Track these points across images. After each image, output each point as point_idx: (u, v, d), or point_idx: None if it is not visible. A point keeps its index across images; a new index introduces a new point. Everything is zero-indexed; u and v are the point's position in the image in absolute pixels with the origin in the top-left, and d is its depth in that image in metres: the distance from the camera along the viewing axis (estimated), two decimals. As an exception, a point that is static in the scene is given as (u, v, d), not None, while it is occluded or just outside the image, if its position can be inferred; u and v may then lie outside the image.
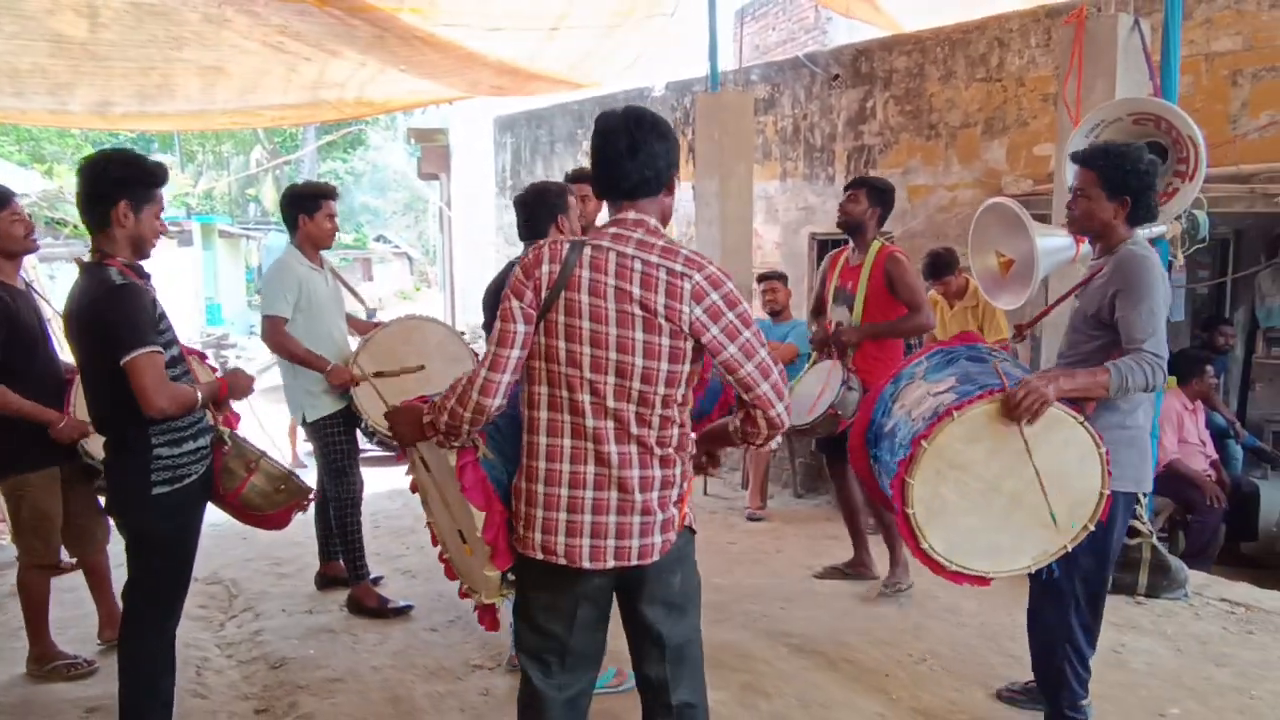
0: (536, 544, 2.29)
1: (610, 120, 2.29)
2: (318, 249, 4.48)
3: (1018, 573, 2.88)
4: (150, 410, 2.76)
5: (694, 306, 2.17)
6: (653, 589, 2.33)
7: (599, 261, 2.21)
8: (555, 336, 2.22)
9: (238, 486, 3.15)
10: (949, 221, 6.87)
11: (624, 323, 2.18)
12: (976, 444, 2.76)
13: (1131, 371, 2.77)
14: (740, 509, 6.30)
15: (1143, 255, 2.96)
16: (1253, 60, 5.47)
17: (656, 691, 2.39)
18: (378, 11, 5.57)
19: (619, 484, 2.23)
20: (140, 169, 2.93)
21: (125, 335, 2.75)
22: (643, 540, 2.25)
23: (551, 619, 2.37)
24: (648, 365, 2.19)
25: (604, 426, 2.22)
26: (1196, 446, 6.07)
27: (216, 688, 3.80)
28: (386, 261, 35.71)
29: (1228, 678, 3.67)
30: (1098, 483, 2.79)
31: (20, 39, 5.54)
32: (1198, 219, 4.56)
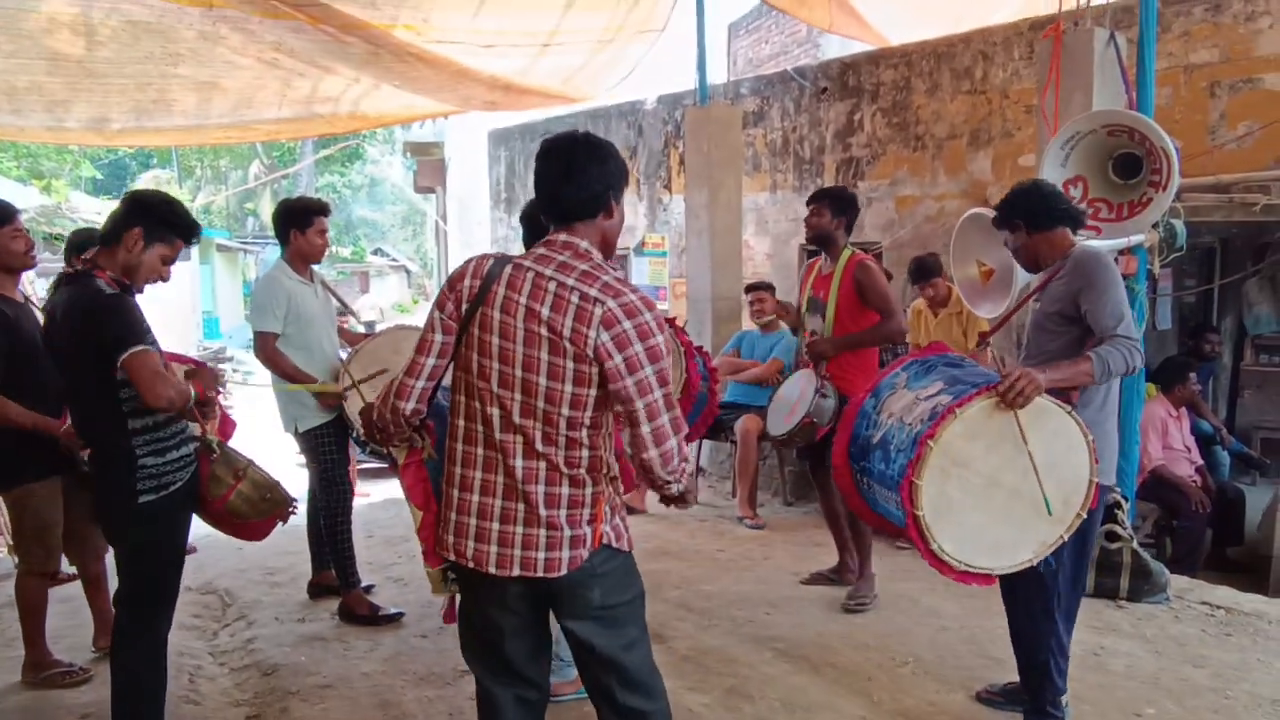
0: (450, 546, 2.35)
1: (550, 144, 2.32)
2: (309, 264, 4.54)
3: (1019, 567, 2.91)
4: (156, 402, 2.82)
5: (601, 332, 2.16)
6: (569, 602, 2.33)
7: (515, 280, 2.24)
8: (471, 349, 2.28)
9: (224, 494, 3.20)
10: (936, 231, 6.95)
11: (530, 342, 2.21)
12: (977, 439, 2.82)
13: (1111, 356, 2.90)
14: (730, 517, 6.35)
15: (1094, 253, 3.16)
16: (1230, 72, 5.58)
17: (603, 695, 2.41)
18: (371, 29, 5.66)
19: (524, 497, 2.26)
20: (174, 213, 3.06)
21: (124, 335, 2.82)
22: (549, 554, 2.26)
23: (481, 621, 2.42)
24: (551, 385, 2.21)
25: (511, 440, 2.25)
26: (1181, 453, 6.13)
27: (209, 694, 3.85)
28: (384, 274, 35.83)
29: (1205, 679, 3.73)
30: (1087, 471, 2.86)
31: (18, 58, 5.63)
32: (1175, 228, 4.64)
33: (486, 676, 2.46)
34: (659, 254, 9.44)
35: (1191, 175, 5.46)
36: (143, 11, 5.40)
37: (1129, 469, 4.81)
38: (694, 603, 4.69)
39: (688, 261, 7.77)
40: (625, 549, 2.40)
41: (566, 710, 3.47)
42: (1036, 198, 3.25)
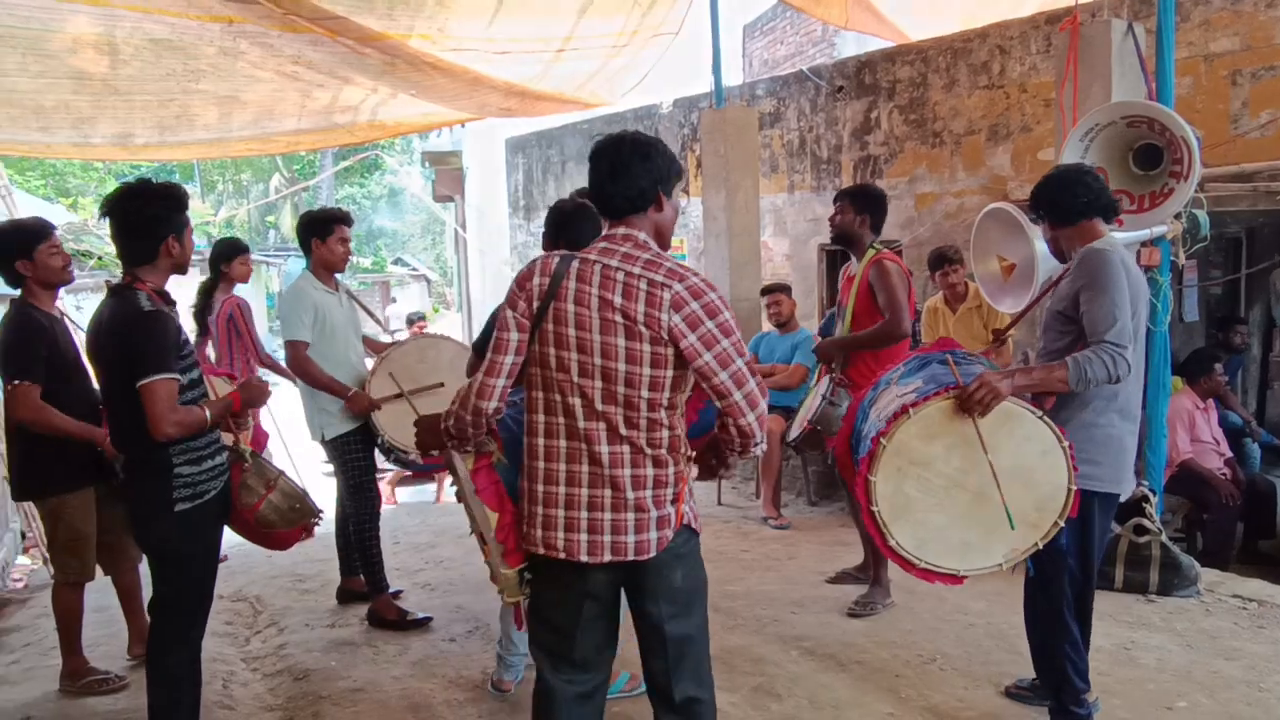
0: (539, 540, 2.41)
1: (598, 146, 2.46)
2: (331, 273, 4.59)
3: (989, 570, 2.91)
4: (157, 435, 2.86)
5: (673, 314, 2.27)
6: (654, 585, 2.41)
7: (584, 273, 2.34)
8: (547, 344, 2.36)
9: (255, 503, 3.24)
10: (956, 228, 6.93)
11: (607, 330, 2.30)
12: (935, 440, 2.83)
13: (1089, 363, 2.84)
14: (754, 518, 6.35)
15: (1101, 250, 3.03)
16: (1251, 60, 5.53)
17: (661, 687, 2.48)
18: (388, 40, 5.71)
19: (611, 482, 2.34)
20: (174, 200, 3.04)
21: (148, 360, 2.86)
22: (638, 536, 2.35)
23: (559, 615, 2.48)
24: (630, 370, 2.30)
25: (595, 428, 2.34)
26: (1210, 445, 6.08)
27: (242, 699, 3.90)
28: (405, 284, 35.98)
29: (1237, 671, 3.70)
30: (1063, 478, 2.81)
31: (45, 78, 5.73)
32: (1198, 218, 4.60)
33: (551, 670, 2.52)
34: (678, 256, 9.46)
35: (1214, 165, 5.42)
36: (164, 30, 5.48)
37: (1157, 463, 4.78)
38: (720, 603, 4.66)
39: (706, 263, 7.77)
40: (699, 530, 2.51)
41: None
42: (1055, 190, 3.16)
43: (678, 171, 2.51)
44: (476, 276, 15.29)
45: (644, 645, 2.50)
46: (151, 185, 3.04)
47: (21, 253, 3.72)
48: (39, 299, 3.80)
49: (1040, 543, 2.87)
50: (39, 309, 3.77)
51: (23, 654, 4.46)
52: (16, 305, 3.77)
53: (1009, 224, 4.15)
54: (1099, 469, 2.99)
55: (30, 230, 3.80)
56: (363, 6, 5.43)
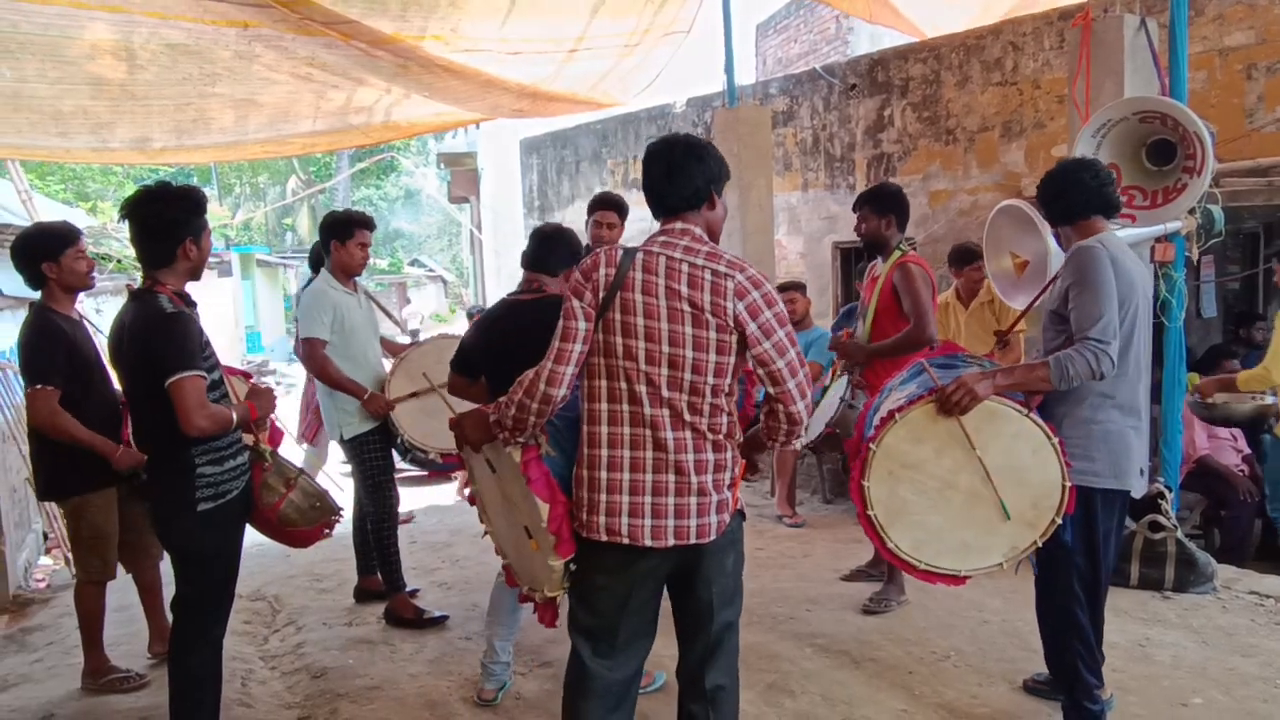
0: (601, 526, 2.46)
1: (652, 148, 2.57)
2: (349, 275, 4.63)
3: (989, 569, 2.93)
4: (189, 429, 2.90)
5: (737, 303, 2.38)
6: (709, 569, 2.50)
7: (650, 264, 2.43)
8: (613, 333, 2.43)
9: (276, 502, 3.30)
10: (970, 225, 6.91)
11: (675, 318, 2.39)
12: (923, 444, 2.87)
13: (1070, 361, 2.83)
14: (769, 516, 6.36)
15: (1090, 247, 3.02)
16: (1266, 54, 5.49)
17: (693, 674, 2.58)
18: (400, 43, 5.74)
19: (675, 467, 2.42)
20: (192, 202, 3.08)
21: (173, 358, 2.90)
22: (700, 520, 2.44)
23: (607, 599, 2.54)
24: (697, 356, 2.39)
25: (660, 414, 2.41)
26: (1227, 441, 6.04)
27: (261, 697, 3.94)
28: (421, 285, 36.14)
29: (1253, 668, 3.68)
30: (1056, 474, 2.82)
31: (63, 84, 5.78)
32: (1213, 213, 4.58)
33: (590, 654, 2.57)
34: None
35: (1230, 159, 5.39)
36: (180, 35, 5.52)
37: (1172, 459, 4.76)
38: (734, 601, 4.70)
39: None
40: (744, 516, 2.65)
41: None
42: (1054, 189, 3.15)
43: (727, 172, 2.62)
44: (492, 277, 15.35)
45: (687, 631, 2.59)
46: (170, 188, 3.07)
47: (48, 256, 3.77)
48: (60, 303, 3.84)
49: (1039, 540, 2.88)
50: (59, 313, 3.81)
51: (45, 652, 4.52)
52: (37, 310, 3.81)
53: (1021, 220, 4.15)
54: (1096, 465, 2.99)
55: (58, 234, 3.85)
56: (376, 9, 5.46)
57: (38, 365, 3.71)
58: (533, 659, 4.09)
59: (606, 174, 10.89)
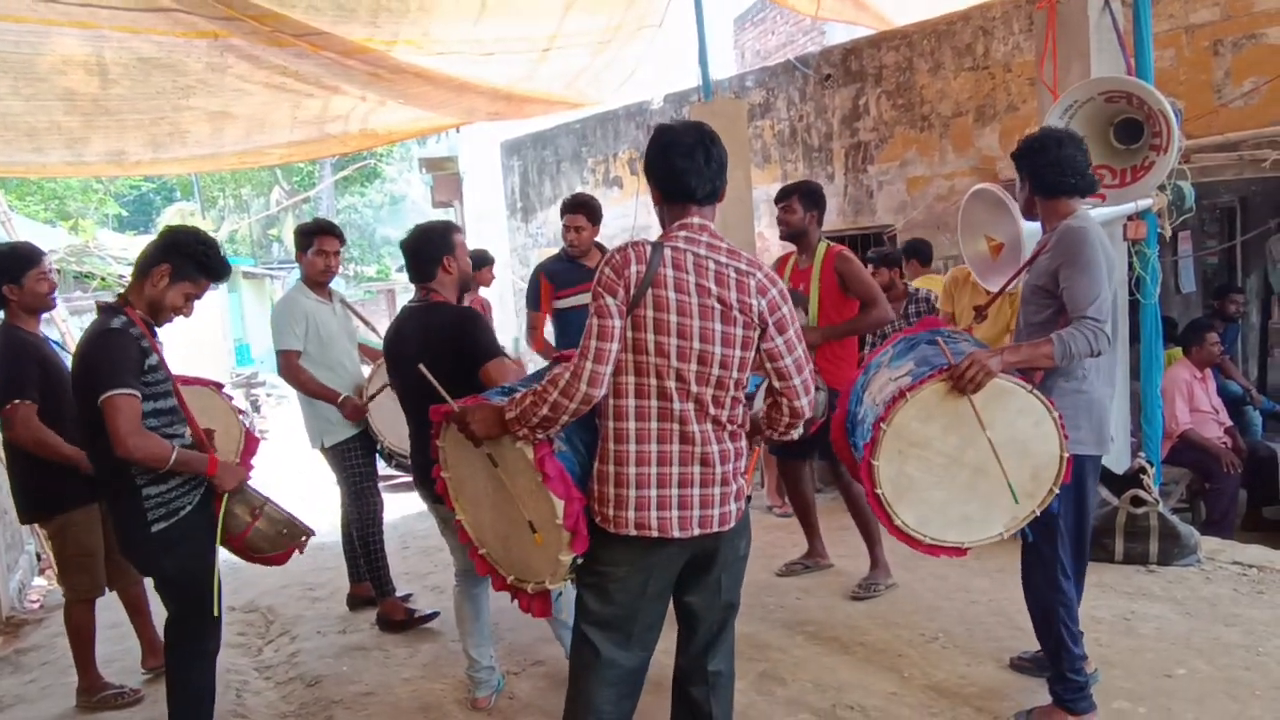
0: (630, 521, 2.47)
1: (684, 133, 2.54)
2: (315, 283, 4.64)
3: (991, 540, 3.00)
4: (119, 449, 2.85)
5: (760, 299, 2.46)
6: (726, 554, 2.59)
7: (679, 260, 2.45)
8: (643, 330, 2.43)
9: (243, 531, 3.24)
10: (948, 210, 6.95)
11: (705, 315, 2.43)
12: (932, 421, 2.91)
13: (1073, 338, 2.91)
14: (759, 506, 6.39)
15: (1079, 227, 3.08)
16: (1232, 29, 5.54)
17: (695, 658, 2.66)
18: (371, 52, 5.75)
19: (702, 459, 2.47)
20: (206, 254, 3.11)
21: (104, 374, 2.87)
22: (722, 509, 2.51)
23: (623, 591, 2.56)
24: (725, 352, 2.45)
25: (688, 409, 2.46)
26: (1209, 415, 6.09)
27: (256, 708, 3.95)
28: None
29: (1236, 637, 3.73)
30: (1056, 447, 2.91)
31: (36, 99, 5.78)
32: (1183, 189, 4.63)
33: (611, 646, 2.58)
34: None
35: (1200, 135, 5.44)
36: (152, 48, 5.52)
37: (1154, 434, 4.80)
38: (725, 592, 4.73)
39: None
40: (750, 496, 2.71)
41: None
42: (1048, 164, 3.16)
43: None
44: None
45: (694, 617, 2.65)
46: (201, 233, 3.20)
47: (9, 278, 3.78)
48: (23, 322, 3.85)
49: (1037, 510, 2.97)
50: (25, 330, 3.82)
51: (40, 672, 4.53)
52: (3, 328, 3.82)
53: (995, 204, 4.19)
54: (1081, 433, 3.07)
55: (22, 256, 3.86)
56: (347, 16, 5.47)
57: (11, 381, 3.71)
58: (525, 658, 4.11)
59: (587, 173, 10.90)
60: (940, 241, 7.08)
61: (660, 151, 2.55)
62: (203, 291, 3.18)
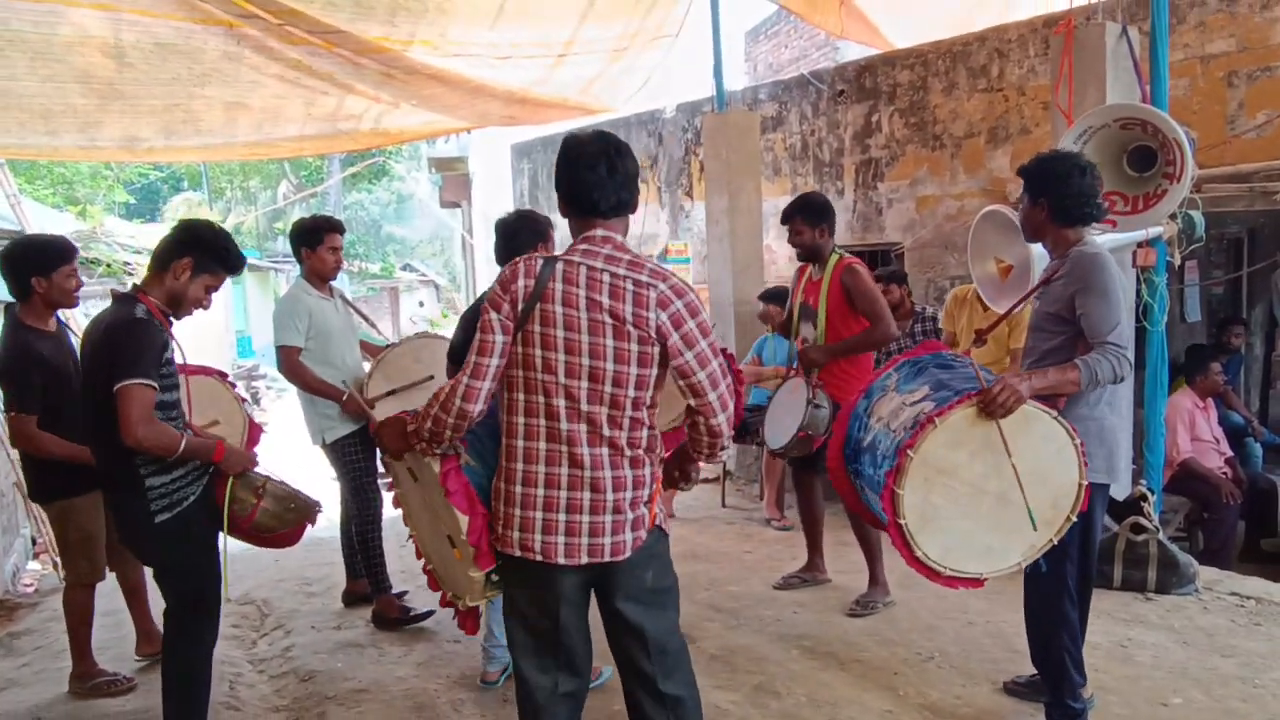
0: (515, 542, 2.43)
1: (584, 144, 2.45)
2: (323, 280, 4.64)
3: (1009, 570, 2.94)
4: (127, 438, 2.85)
5: (659, 312, 2.33)
6: (626, 585, 2.45)
7: (571, 274, 2.37)
8: (532, 345, 2.37)
9: (250, 513, 3.23)
10: (957, 230, 6.95)
11: (595, 330, 2.34)
12: (959, 448, 2.83)
13: (1099, 364, 2.90)
14: (758, 519, 6.39)
15: (1093, 254, 3.08)
16: (1247, 61, 5.55)
17: (645, 681, 2.49)
18: (385, 52, 5.77)
19: (591, 484, 2.38)
20: (225, 247, 3.14)
21: (127, 362, 2.88)
22: (614, 538, 2.39)
23: (536, 616, 2.50)
24: (618, 369, 2.35)
25: (577, 430, 2.37)
26: (1210, 444, 6.10)
27: (249, 700, 3.95)
28: (413, 290, 36.08)
29: (1233, 668, 3.72)
30: (1076, 474, 2.86)
31: (53, 81, 5.79)
32: (1193, 219, 4.64)
33: (536, 672, 2.52)
34: (682, 260, 9.49)
35: (1211, 165, 5.45)
36: (170, 33, 5.53)
37: (1155, 462, 4.81)
38: (722, 603, 4.73)
39: (709, 267, 7.82)
40: (667, 531, 2.55)
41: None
42: (1072, 194, 3.11)
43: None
44: (484, 282, 15.36)
45: (621, 645, 2.52)
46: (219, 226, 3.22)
47: (40, 270, 3.76)
48: (39, 318, 3.82)
49: (1055, 539, 2.91)
50: (35, 330, 3.79)
51: (33, 657, 4.52)
52: (13, 328, 3.79)
53: (1005, 226, 4.19)
54: (1095, 461, 3.04)
55: (57, 250, 3.84)
56: (365, 14, 5.49)
57: (15, 393, 3.73)
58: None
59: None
60: (947, 261, 7.09)
61: (564, 163, 2.46)
62: (220, 284, 3.20)
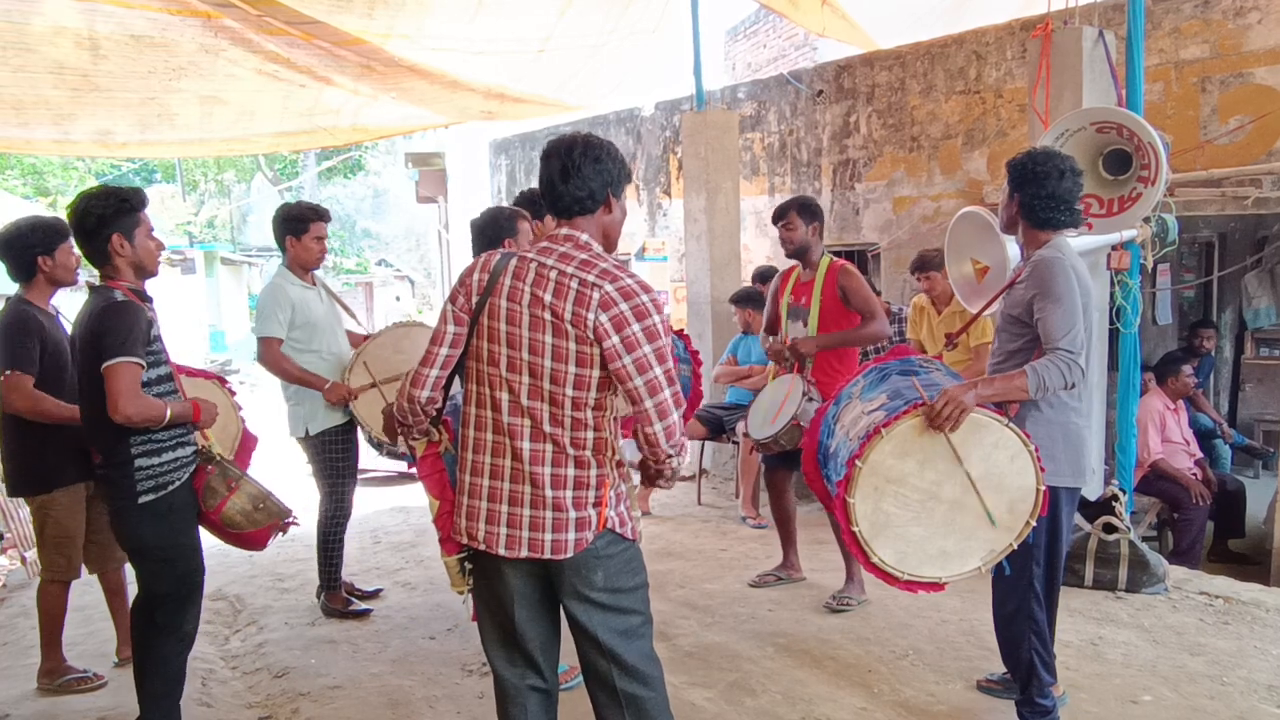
0: (463, 529, 2.48)
1: (551, 146, 2.50)
2: (307, 270, 4.61)
3: (968, 575, 2.98)
4: (115, 415, 2.93)
5: (600, 314, 2.30)
6: (572, 584, 2.42)
7: (520, 270, 2.41)
8: (482, 338, 2.43)
9: (219, 504, 3.27)
10: (933, 231, 7.00)
11: (535, 326, 2.36)
12: (908, 458, 2.89)
13: (1047, 371, 2.92)
14: (733, 518, 6.41)
15: (1054, 258, 3.07)
16: (1220, 67, 5.63)
17: (600, 680, 2.49)
18: (364, 44, 5.73)
19: (530, 479, 2.39)
20: (119, 200, 3.13)
21: (111, 343, 2.94)
22: (555, 535, 2.38)
23: (497, 608, 2.53)
24: (556, 367, 2.35)
25: (519, 423, 2.39)
26: (1180, 446, 6.17)
27: (221, 697, 3.91)
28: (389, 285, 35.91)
29: (1201, 666, 3.77)
30: (1033, 479, 2.89)
31: (25, 71, 5.71)
32: (1167, 222, 4.68)
33: (503, 665, 2.56)
34: (659, 259, 9.51)
35: (1184, 170, 5.51)
36: (145, 24, 5.47)
37: (1127, 462, 4.86)
38: (697, 601, 4.74)
39: (687, 265, 7.83)
40: (630, 538, 2.50)
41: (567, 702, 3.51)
42: (1044, 196, 3.12)
43: (628, 175, 2.57)
44: (459, 278, 15.27)
45: (578, 644, 2.51)
46: (94, 193, 3.16)
47: (44, 249, 3.79)
48: (40, 297, 3.85)
49: (1014, 543, 2.95)
50: (37, 306, 3.82)
51: (0, 653, 4.46)
52: (15, 302, 3.82)
53: (982, 227, 4.23)
54: (1058, 464, 3.07)
55: (57, 228, 3.85)
56: (342, 6, 5.44)
57: (13, 352, 3.71)
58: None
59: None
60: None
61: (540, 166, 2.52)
62: (150, 224, 3.22)
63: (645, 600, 2.54)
